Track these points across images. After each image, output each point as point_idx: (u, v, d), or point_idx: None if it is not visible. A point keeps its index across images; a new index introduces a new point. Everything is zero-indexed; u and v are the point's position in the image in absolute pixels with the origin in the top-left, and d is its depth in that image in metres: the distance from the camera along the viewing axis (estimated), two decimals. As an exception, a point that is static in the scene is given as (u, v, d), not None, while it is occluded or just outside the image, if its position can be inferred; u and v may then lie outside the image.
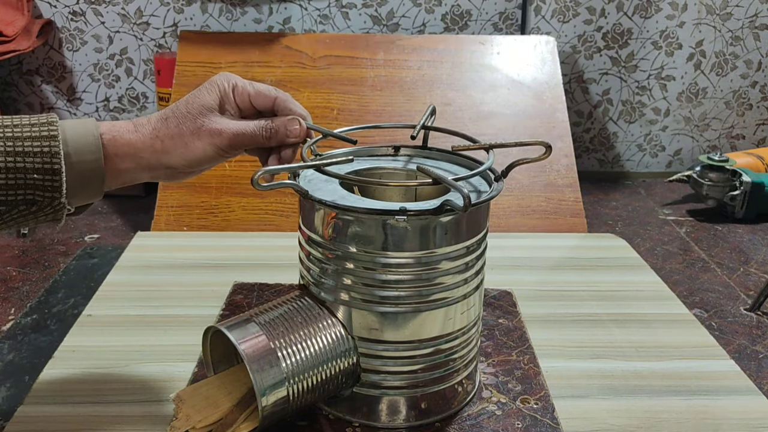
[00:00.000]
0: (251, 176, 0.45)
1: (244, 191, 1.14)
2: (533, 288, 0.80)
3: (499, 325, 0.69)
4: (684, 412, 0.58)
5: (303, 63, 1.31)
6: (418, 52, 1.34)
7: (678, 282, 1.03)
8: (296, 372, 0.49)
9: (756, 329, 0.89)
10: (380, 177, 0.60)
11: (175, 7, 1.58)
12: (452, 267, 0.51)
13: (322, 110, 1.25)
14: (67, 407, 0.57)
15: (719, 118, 1.73)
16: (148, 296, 0.76)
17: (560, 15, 1.61)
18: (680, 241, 1.25)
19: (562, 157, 1.20)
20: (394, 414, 0.54)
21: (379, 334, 0.51)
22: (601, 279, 0.83)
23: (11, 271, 1.00)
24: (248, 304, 0.72)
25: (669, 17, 1.63)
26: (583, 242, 0.97)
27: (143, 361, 0.64)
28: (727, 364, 0.66)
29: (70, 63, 1.61)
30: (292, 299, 0.53)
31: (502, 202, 1.14)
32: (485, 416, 0.55)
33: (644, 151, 1.74)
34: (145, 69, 1.62)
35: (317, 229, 0.52)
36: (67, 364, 0.63)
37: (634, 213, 1.42)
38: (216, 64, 1.28)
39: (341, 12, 1.59)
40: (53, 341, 0.75)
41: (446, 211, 0.48)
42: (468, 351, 0.56)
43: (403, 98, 1.28)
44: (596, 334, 0.71)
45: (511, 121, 1.26)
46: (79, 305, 0.85)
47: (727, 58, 1.67)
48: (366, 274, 0.50)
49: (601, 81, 1.67)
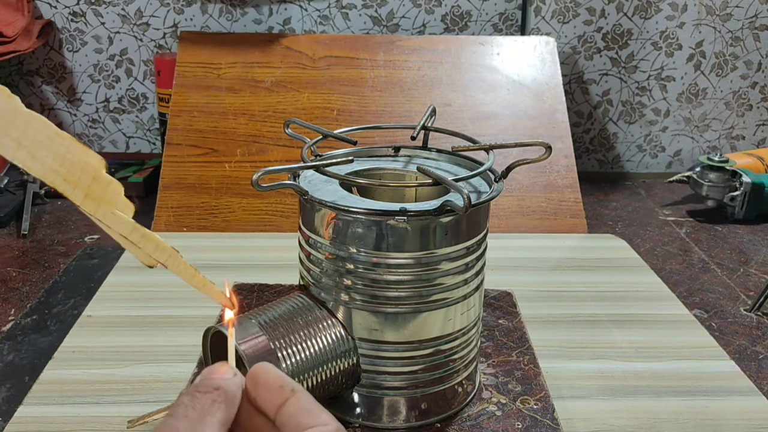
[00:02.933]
0: (251, 177, 0.45)
1: (244, 192, 1.14)
2: (533, 289, 0.80)
3: (499, 325, 0.69)
4: (684, 413, 0.58)
5: (303, 64, 1.31)
6: (418, 53, 1.34)
7: (678, 282, 1.03)
8: (296, 372, 0.49)
9: (756, 330, 0.89)
10: (380, 178, 0.60)
11: (175, 7, 1.58)
12: (452, 267, 0.51)
13: (322, 111, 1.25)
14: (67, 407, 0.57)
15: (719, 119, 1.73)
16: (148, 297, 0.76)
17: (560, 16, 1.61)
18: (680, 241, 1.25)
19: (562, 158, 1.20)
20: (394, 414, 0.54)
21: (379, 335, 0.51)
22: (601, 279, 0.83)
23: (11, 271, 1.00)
24: (248, 304, 0.72)
25: (669, 18, 1.63)
26: (583, 243, 0.97)
27: (143, 361, 0.64)
28: (728, 364, 0.66)
29: (71, 64, 1.61)
30: (292, 300, 0.53)
31: (502, 202, 1.14)
32: (485, 417, 0.55)
33: (644, 152, 1.74)
34: (145, 70, 1.62)
35: (317, 229, 0.52)
36: (67, 364, 0.63)
37: (634, 213, 1.41)
38: (216, 65, 1.28)
39: (341, 13, 1.59)
40: (53, 342, 0.75)
41: (446, 212, 0.48)
42: (468, 352, 0.56)
43: (403, 99, 1.28)
44: (596, 335, 0.71)
45: (511, 122, 1.26)
46: (79, 306, 0.85)
47: (727, 59, 1.67)
48: (366, 275, 0.50)
49: (601, 82, 1.67)
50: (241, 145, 1.20)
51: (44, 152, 0.30)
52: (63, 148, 0.30)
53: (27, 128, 0.29)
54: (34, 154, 0.30)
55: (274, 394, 0.31)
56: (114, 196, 0.32)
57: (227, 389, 0.30)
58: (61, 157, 0.30)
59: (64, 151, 0.30)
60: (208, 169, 1.17)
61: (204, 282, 0.35)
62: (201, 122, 1.20)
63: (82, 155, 0.30)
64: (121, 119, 1.66)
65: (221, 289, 0.35)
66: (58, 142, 0.30)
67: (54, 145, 0.30)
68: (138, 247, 0.33)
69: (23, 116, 0.29)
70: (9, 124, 0.29)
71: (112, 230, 0.32)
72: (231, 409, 0.30)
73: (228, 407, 0.30)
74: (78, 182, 0.31)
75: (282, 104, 1.25)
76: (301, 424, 0.29)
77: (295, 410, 0.30)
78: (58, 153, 0.30)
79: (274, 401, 0.30)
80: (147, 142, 1.68)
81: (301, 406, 0.30)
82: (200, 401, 0.29)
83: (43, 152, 0.30)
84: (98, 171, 0.31)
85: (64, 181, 0.30)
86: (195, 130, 1.19)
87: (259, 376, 0.31)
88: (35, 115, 0.29)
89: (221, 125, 1.21)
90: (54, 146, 0.30)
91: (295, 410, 0.30)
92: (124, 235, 0.32)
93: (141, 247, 0.33)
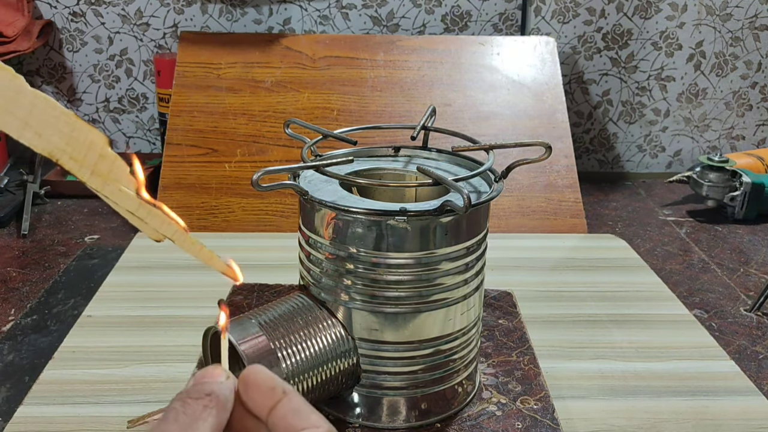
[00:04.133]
0: (251, 177, 0.45)
1: (244, 192, 1.14)
2: (533, 289, 0.80)
3: (499, 325, 0.69)
4: (684, 413, 0.58)
5: (303, 64, 1.31)
6: (418, 53, 1.34)
7: (678, 282, 1.03)
8: (296, 372, 0.49)
9: (756, 330, 0.89)
10: (380, 178, 0.60)
11: (175, 7, 1.58)
12: (452, 268, 0.51)
13: (322, 111, 1.25)
14: (67, 407, 0.57)
15: (719, 119, 1.73)
16: (148, 297, 0.76)
17: (560, 16, 1.61)
18: (680, 241, 1.25)
19: (562, 158, 1.20)
20: (394, 414, 0.54)
21: (379, 335, 0.51)
22: (601, 279, 0.83)
23: (11, 271, 1.00)
24: (248, 304, 0.72)
25: (669, 18, 1.63)
26: (584, 243, 0.97)
27: (143, 361, 0.64)
28: (727, 364, 0.66)
29: (71, 64, 1.61)
30: (292, 300, 0.53)
31: (502, 202, 1.14)
32: (485, 417, 0.55)
33: (644, 152, 1.74)
34: (145, 70, 1.62)
35: (317, 229, 0.51)
36: (67, 364, 0.63)
37: (634, 214, 1.41)
38: (216, 65, 1.28)
39: (341, 13, 1.59)
40: (53, 342, 0.75)
41: (446, 212, 0.48)
42: (468, 352, 0.56)
43: (403, 99, 1.28)
44: (596, 335, 0.71)
45: (511, 122, 1.26)
46: (79, 306, 0.85)
47: (727, 59, 1.67)
48: (366, 275, 0.50)
49: (601, 82, 1.67)
50: (241, 145, 1.20)
51: (50, 131, 0.30)
52: (68, 126, 0.30)
53: (32, 108, 0.29)
54: (40, 132, 0.30)
55: (266, 396, 0.30)
56: (120, 172, 0.32)
57: (219, 394, 0.30)
58: (67, 136, 0.30)
59: (69, 129, 0.30)
60: (208, 169, 1.17)
61: (210, 256, 0.36)
62: (201, 122, 1.20)
63: (88, 133, 0.31)
64: (121, 119, 1.66)
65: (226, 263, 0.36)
66: (64, 120, 0.30)
67: (59, 124, 0.30)
68: (145, 222, 0.33)
69: (28, 95, 0.29)
70: (14, 104, 0.29)
71: (119, 206, 0.33)
72: (223, 414, 0.30)
73: (220, 412, 0.30)
74: (84, 160, 0.31)
75: (282, 104, 1.25)
76: (292, 425, 0.29)
77: (286, 412, 0.30)
78: (64, 131, 0.30)
79: (265, 403, 0.30)
80: (147, 142, 1.68)
81: (292, 408, 0.30)
82: (192, 407, 0.29)
83: (49, 131, 0.30)
84: (104, 148, 0.31)
85: (70, 159, 0.30)
86: (195, 130, 1.19)
87: (249, 378, 0.31)
88: (40, 95, 0.29)
89: (221, 125, 1.21)
90: (59, 125, 0.30)
91: (286, 412, 0.30)
92: (131, 211, 0.33)
93: (148, 223, 0.34)
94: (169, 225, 0.34)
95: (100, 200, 0.33)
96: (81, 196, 1.34)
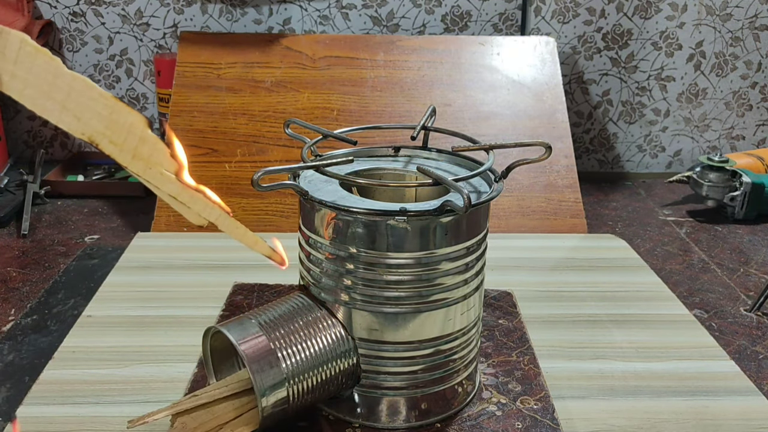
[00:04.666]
0: (251, 177, 0.45)
1: (244, 192, 1.14)
2: (533, 289, 0.80)
3: (499, 325, 0.69)
4: (684, 413, 0.58)
5: (303, 64, 1.31)
6: (418, 53, 1.34)
7: (678, 282, 1.03)
8: (296, 372, 0.49)
9: (756, 330, 0.89)
10: (380, 178, 0.60)
11: (175, 7, 1.58)
12: (452, 268, 0.51)
13: (323, 111, 1.25)
14: (67, 407, 0.57)
15: (719, 119, 1.73)
16: (148, 297, 0.76)
17: (560, 16, 1.61)
18: (680, 241, 1.25)
19: (562, 158, 1.20)
20: (394, 414, 0.54)
21: (379, 335, 0.51)
22: (601, 279, 0.83)
23: (11, 271, 1.00)
24: (248, 304, 0.72)
25: (669, 18, 1.63)
26: (584, 243, 0.97)
27: (143, 361, 0.64)
28: (728, 364, 0.66)
29: (71, 64, 1.61)
30: (292, 300, 0.53)
31: (502, 202, 1.14)
32: (485, 417, 0.55)
33: (644, 152, 1.74)
34: (146, 70, 1.62)
35: (317, 229, 0.52)
36: (67, 364, 0.63)
37: (634, 214, 1.41)
38: (216, 65, 1.28)
39: (341, 13, 1.59)
40: (53, 342, 0.75)
41: (446, 212, 0.48)
42: (468, 352, 0.56)
43: (403, 99, 1.28)
44: (596, 335, 0.71)
45: (511, 122, 1.26)
46: (79, 306, 0.85)
47: (727, 59, 1.67)
48: (366, 275, 0.50)
49: (601, 82, 1.67)
50: (241, 145, 1.20)
51: (89, 114, 0.29)
52: (108, 108, 0.29)
53: (71, 90, 0.28)
54: (78, 116, 0.29)
55: None
56: (161, 155, 0.31)
57: None
58: (106, 119, 0.29)
59: (108, 111, 0.29)
60: (208, 169, 1.17)
61: (255, 240, 0.36)
62: (201, 122, 1.20)
63: (128, 115, 0.30)
64: (121, 119, 1.66)
65: (271, 246, 0.36)
66: (102, 102, 0.29)
67: (98, 107, 0.29)
68: (188, 207, 0.33)
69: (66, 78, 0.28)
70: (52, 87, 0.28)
71: (161, 191, 0.32)
72: None
73: None
74: (125, 144, 0.30)
75: (282, 104, 1.25)
76: None
77: None
78: (103, 114, 0.29)
79: None
80: (147, 142, 1.68)
81: None
82: None
83: (88, 114, 0.29)
84: (144, 131, 0.30)
85: (110, 143, 0.30)
86: (195, 130, 1.19)
87: None
88: (78, 77, 0.28)
89: (221, 125, 1.21)
90: (99, 107, 0.29)
91: None
92: (173, 196, 0.32)
93: (191, 207, 0.33)
94: (212, 209, 0.33)
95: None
96: (81, 196, 1.34)
